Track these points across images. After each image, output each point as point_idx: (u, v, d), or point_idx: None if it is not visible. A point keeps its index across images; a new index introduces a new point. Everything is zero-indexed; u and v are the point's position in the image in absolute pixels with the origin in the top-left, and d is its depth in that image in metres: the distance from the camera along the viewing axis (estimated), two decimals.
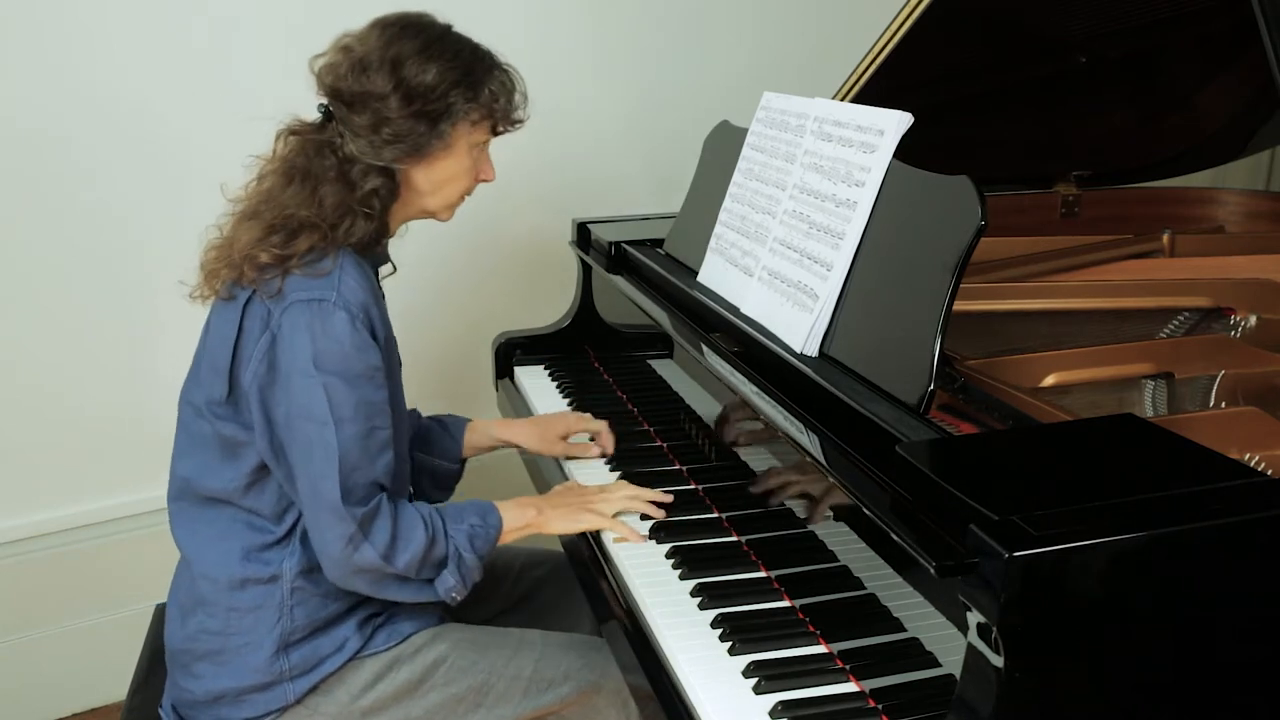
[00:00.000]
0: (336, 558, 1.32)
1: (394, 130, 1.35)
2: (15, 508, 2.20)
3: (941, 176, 1.26)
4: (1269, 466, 1.22)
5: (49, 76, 2.04)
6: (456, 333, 2.55)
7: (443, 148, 1.40)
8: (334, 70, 1.37)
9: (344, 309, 1.31)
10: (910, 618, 1.11)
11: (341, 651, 1.42)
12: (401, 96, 1.34)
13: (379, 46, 1.35)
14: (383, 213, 1.40)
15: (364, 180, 1.37)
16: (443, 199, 1.47)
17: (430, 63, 1.35)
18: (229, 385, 1.36)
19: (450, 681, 1.44)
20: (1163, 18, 1.80)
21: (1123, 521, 0.89)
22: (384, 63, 1.34)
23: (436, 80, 1.35)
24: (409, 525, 1.36)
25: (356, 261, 1.37)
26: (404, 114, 1.35)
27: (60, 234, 2.11)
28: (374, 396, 1.34)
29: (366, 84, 1.34)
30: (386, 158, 1.36)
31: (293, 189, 1.36)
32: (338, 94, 1.37)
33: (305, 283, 1.32)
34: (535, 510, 1.49)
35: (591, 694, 1.49)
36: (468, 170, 1.46)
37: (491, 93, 1.41)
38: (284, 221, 1.34)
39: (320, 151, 1.37)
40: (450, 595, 1.40)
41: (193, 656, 1.42)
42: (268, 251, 1.32)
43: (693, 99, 2.62)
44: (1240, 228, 2.11)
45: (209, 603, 1.40)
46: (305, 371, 1.29)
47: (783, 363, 1.38)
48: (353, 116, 1.36)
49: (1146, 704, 0.95)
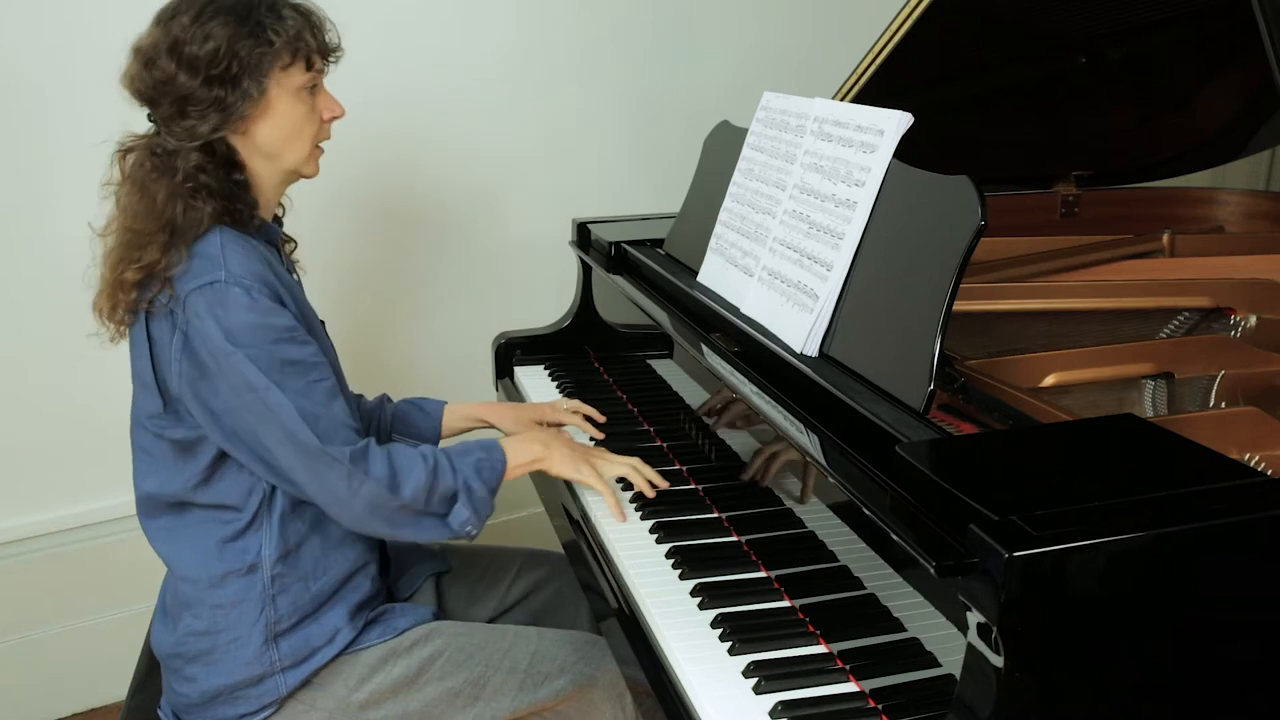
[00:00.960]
0: (343, 497, 1.32)
1: (197, 105, 1.33)
2: (15, 508, 2.20)
3: (941, 176, 1.26)
4: (1269, 466, 1.22)
5: (52, 76, 2.04)
6: (456, 333, 2.55)
7: (257, 105, 1.36)
8: (132, 77, 1.36)
9: (236, 284, 1.30)
10: (910, 618, 1.11)
11: (333, 643, 1.42)
12: (189, 71, 1.31)
13: (160, 34, 1.33)
14: (228, 188, 1.37)
15: (185, 162, 1.34)
16: (294, 153, 1.42)
17: (205, 26, 1.32)
18: (162, 397, 1.36)
19: (446, 675, 1.45)
20: (1163, 18, 1.80)
21: (1123, 521, 0.89)
22: (165, 47, 1.32)
23: (219, 43, 1.31)
24: (406, 458, 1.36)
25: (238, 237, 1.36)
26: (199, 86, 1.32)
27: (61, 234, 2.11)
28: (298, 354, 1.33)
29: (156, 74, 1.33)
30: (203, 134, 1.34)
31: (134, 201, 1.36)
32: (143, 96, 1.36)
33: (190, 275, 1.32)
34: (541, 445, 1.50)
35: (587, 688, 1.49)
36: (304, 117, 1.41)
37: (278, 32, 1.35)
38: (128, 238, 1.34)
39: (154, 155, 1.36)
40: (465, 529, 1.40)
41: (183, 660, 1.42)
42: (130, 269, 1.32)
43: (693, 99, 2.62)
44: (1240, 228, 2.11)
45: (192, 604, 1.41)
46: (224, 350, 1.29)
47: (783, 363, 1.38)
48: (159, 110, 1.35)
49: (1146, 704, 0.95)
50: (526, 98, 2.51)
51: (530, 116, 2.52)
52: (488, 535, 1.49)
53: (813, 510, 1.31)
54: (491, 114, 2.48)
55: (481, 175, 2.51)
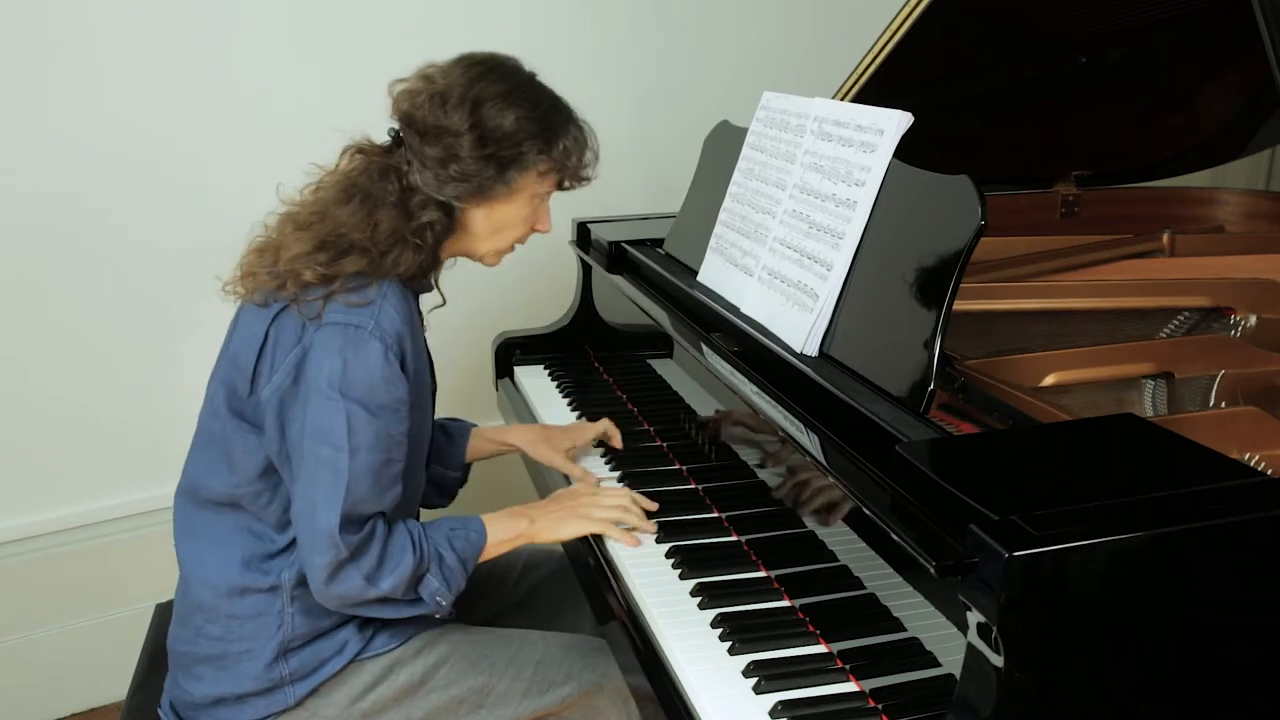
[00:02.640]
0: (320, 582, 1.30)
1: (462, 169, 1.34)
2: (15, 508, 2.20)
3: (941, 176, 1.26)
4: (1269, 466, 1.22)
5: (58, 80, 2.04)
6: (456, 332, 2.55)
7: (506, 194, 1.39)
8: (412, 97, 1.36)
9: (379, 339, 1.29)
10: (910, 618, 1.11)
11: (342, 654, 1.41)
12: (476, 137, 1.33)
13: (462, 83, 1.34)
14: (434, 247, 1.39)
15: (422, 212, 1.35)
16: (495, 244, 1.46)
17: (510, 108, 1.34)
18: (250, 386, 1.35)
19: (451, 683, 1.44)
20: (1163, 18, 1.80)
21: (1123, 521, 0.89)
22: (464, 100, 1.33)
23: (514, 127, 1.34)
24: (398, 548, 1.34)
25: (399, 292, 1.35)
26: (475, 154, 1.33)
27: (65, 237, 2.11)
28: (394, 429, 1.32)
29: (443, 118, 1.33)
30: (449, 194, 1.35)
31: (349, 208, 1.34)
32: (411, 121, 1.36)
33: (346, 308, 1.31)
34: (527, 521, 1.47)
35: (593, 695, 1.49)
36: (525, 219, 1.45)
37: (565, 148, 1.40)
38: (335, 240, 1.33)
39: (384, 175, 1.36)
40: (436, 601, 1.37)
41: (194, 659, 1.42)
42: (313, 269, 1.31)
43: (692, 99, 2.62)
44: (1240, 228, 2.11)
45: (207, 608, 1.40)
46: (329, 394, 1.28)
47: (783, 362, 1.38)
48: (424, 147, 1.35)
49: (1146, 704, 0.95)
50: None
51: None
52: None
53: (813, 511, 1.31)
54: None
55: None
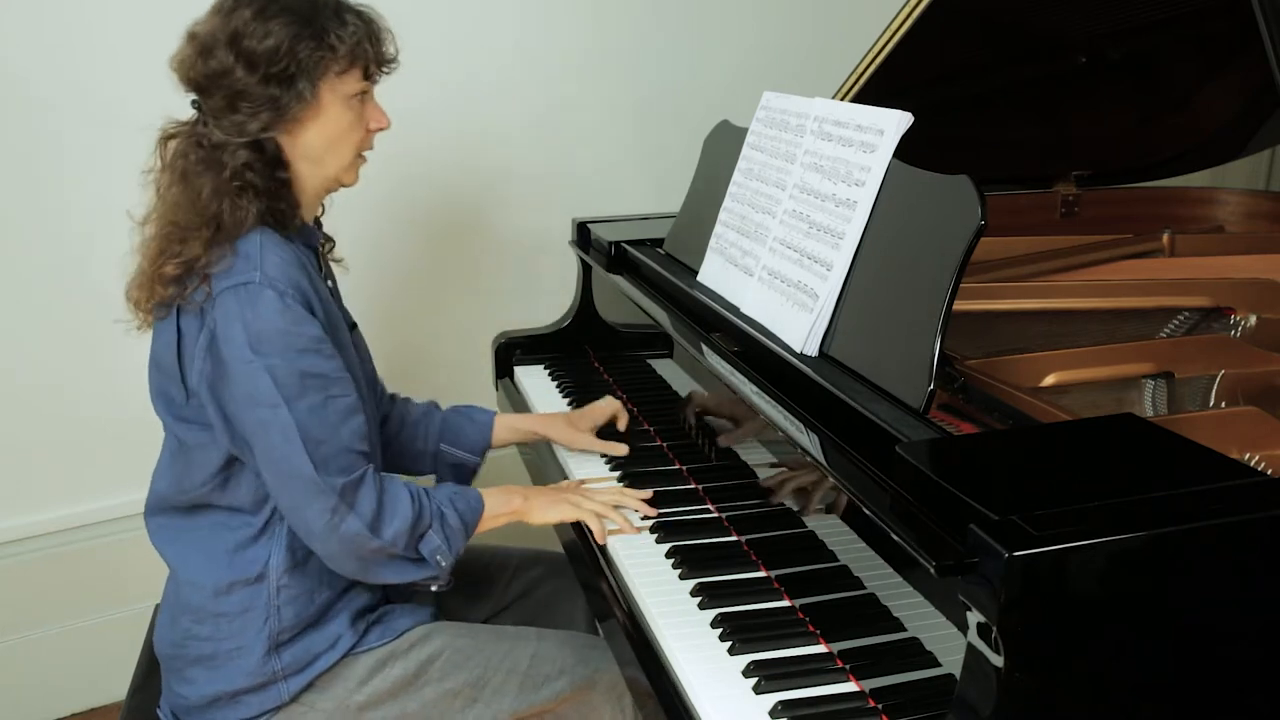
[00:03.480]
0: (320, 532, 1.31)
1: (250, 101, 1.31)
2: (15, 508, 2.20)
3: (941, 176, 1.26)
4: (1269, 466, 1.22)
5: (49, 77, 2.04)
6: (456, 332, 2.55)
7: (309, 107, 1.34)
8: (184, 61, 1.34)
9: (270, 286, 1.29)
10: (910, 618, 1.11)
11: (335, 648, 1.41)
12: (247, 65, 1.30)
13: (219, 24, 1.31)
14: (272, 187, 1.35)
15: (233, 158, 1.33)
16: (336, 160, 1.41)
17: (269, 23, 1.30)
18: (184, 388, 1.35)
19: (445, 676, 1.44)
20: (1163, 18, 1.80)
21: (1123, 521, 0.89)
22: (224, 38, 1.30)
23: (278, 39, 1.30)
24: (395, 495, 1.35)
25: (277, 239, 1.35)
26: (254, 82, 1.31)
27: (60, 235, 2.11)
28: (321, 367, 1.31)
29: (213, 64, 1.31)
30: (252, 130, 1.32)
31: (177, 192, 1.34)
32: (193, 83, 1.34)
33: (226, 273, 1.30)
34: (521, 498, 1.50)
35: (587, 690, 1.49)
36: (351, 124, 1.40)
37: (340, 37, 1.34)
38: (169, 230, 1.33)
39: (194, 147, 1.34)
40: (436, 559, 1.37)
41: (184, 662, 1.42)
42: (170, 264, 1.31)
43: (692, 99, 2.62)
44: (1240, 228, 2.11)
45: (195, 609, 1.40)
46: (244, 358, 1.27)
47: (783, 362, 1.38)
48: (210, 101, 1.33)
49: (1146, 704, 0.95)
50: (527, 97, 2.51)
51: (531, 116, 2.52)
52: (487, 535, 1.49)
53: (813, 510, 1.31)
54: (492, 114, 2.48)
55: (481, 175, 2.51)
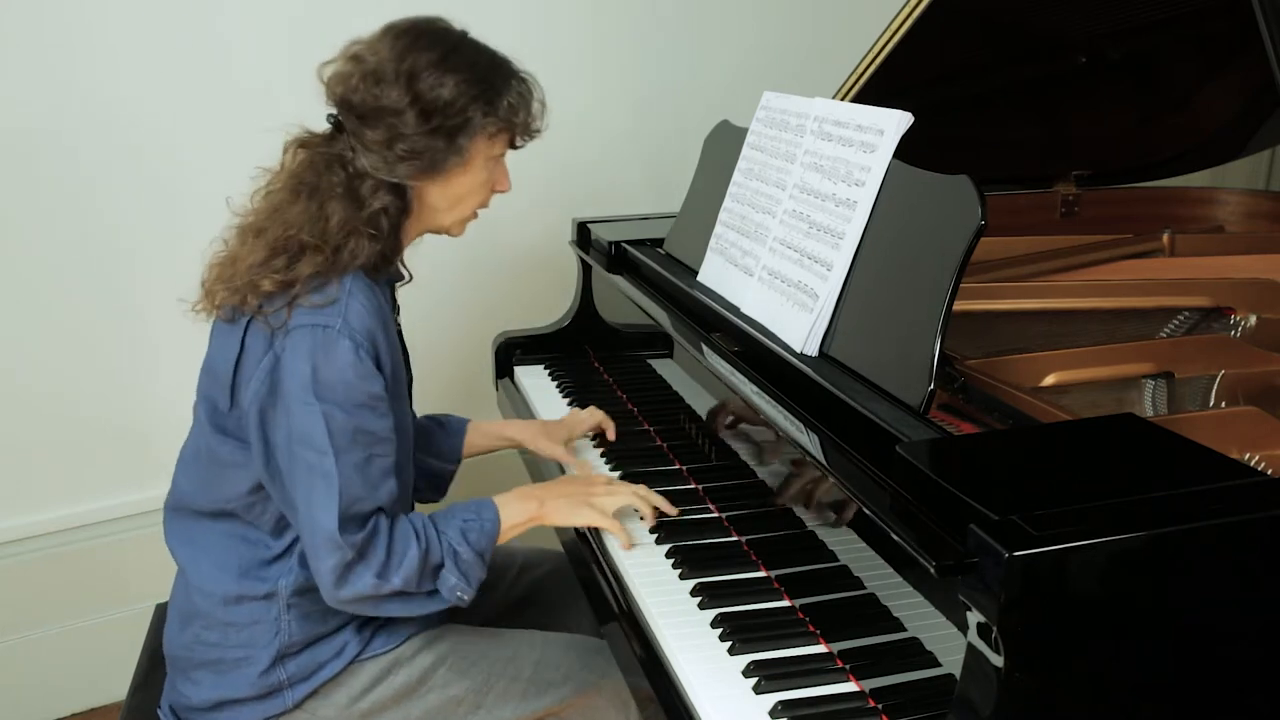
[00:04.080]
0: (330, 586, 1.29)
1: (409, 146, 1.29)
2: (15, 508, 2.20)
3: (941, 176, 1.26)
4: (1269, 466, 1.22)
5: (50, 80, 2.04)
6: (456, 332, 2.55)
7: (459, 163, 1.34)
8: (344, 80, 1.31)
9: (348, 337, 1.27)
10: (910, 618, 1.11)
11: (340, 657, 1.41)
12: (418, 112, 1.28)
13: (392, 57, 1.29)
14: (392, 232, 1.35)
15: (373, 198, 1.31)
16: (457, 215, 1.42)
17: (447, 75, 1.29)
18: (230, 399, 1.34)
19: (449, 683, 1.44)
20: (1163, 18, 1.80)
21: (1123, 521, 0.89)
22: (399, 75, 1.28)
23: (454, 95, 1.29)
24: (402, 540, 1.32)
25: (366, 285, 1.32)
26: (420, 130, 1.29)
27: (60, 237, 2.11)
28: (374, 425, 1.30)
29: (380, 97, 1.28)
30: (401, 174, 1.31)
31: (299, 206, 1.30)
32: (348, 105, 1.31)
33: (311, 310, 1.28)
34: (537, 502, 1.45)
35: (591, 695, 1.49)
36: (484, 184, 1.41)
37: (510, 105, 1.35)
38: (286, 243, 1.29)
39: (329, 166, 1.32)
40: (456, 595, 1.36)
41: (191, 664, 1.42)
42: (270, 278, 1.28)
43: (692, 99, 2.62)
44: (1240, 228, 2.11)
45: (204, 615, 1.40)
46: (304, 399, 1.26)
47: (783, 362, 1.38)
48: (365, 130, 1.30)
49: (1146, 704, 0.95)
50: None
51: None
52: None
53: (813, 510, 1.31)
54: None
55: None
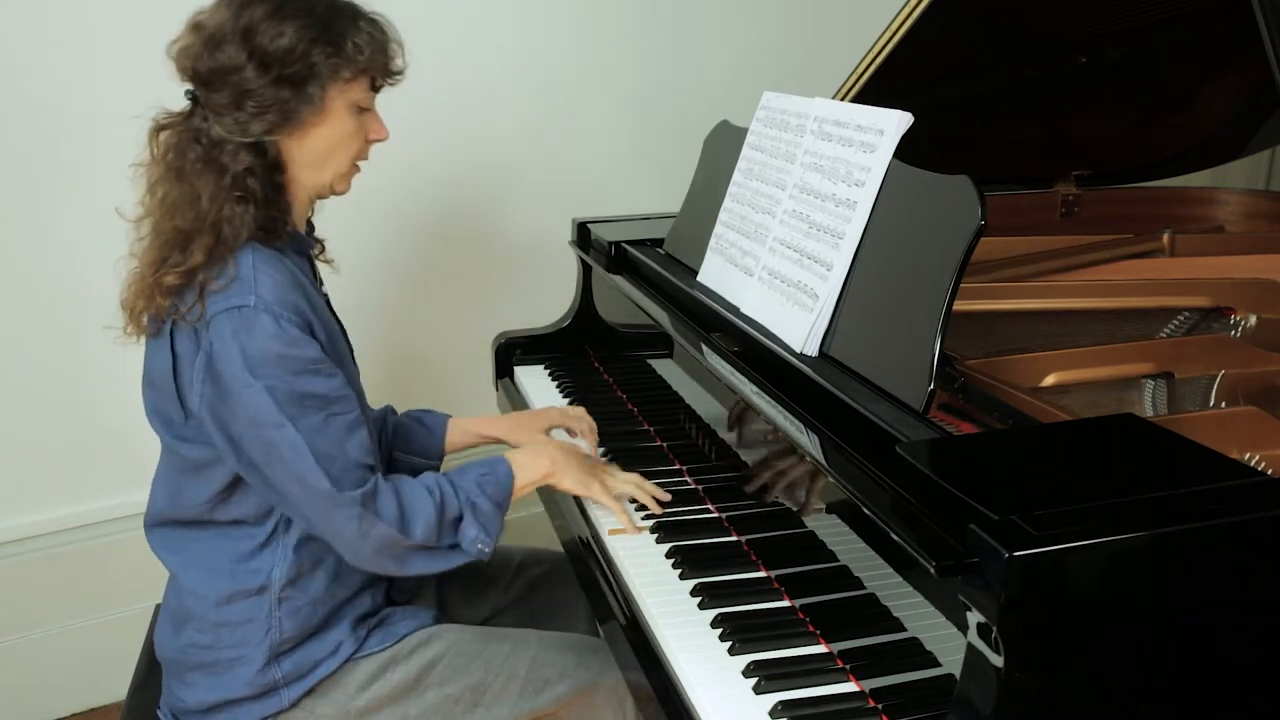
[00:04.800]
0: (352, 540, 1.30)
1: (257, 101, 1.27)
2: (15, 508, 2.20)
3: (941, 176, 1.26)
4: (1269, 466, 1.22)
5: (51, 80, 2.04)
6: (456, 332, 2.55)
7: (315, 113, 1.31)
8: (188, 52, 1.29)
9: (265, 310, 1.26)
10: (910, 618, 1.11)
11: (336, 655, 1.41)
12: (258, 64, 1.26)
13: (229, 17, 1.27)
14: (269, 195, 1.32)
15: (234, 162, 1.29)
16: (333, 168, 1.38)
17: (284, 23, 1.27)
18: (183, 409, 1.33)
19: (446, 681, 1.44)
20: (1163, 18, 1.80)
21: (1123, 521, 0.89)
22: (236, 33, 1.26)
23: (293, 41, 1.27)
24: (414, 496, 1.33)
25: (270, 256, 1.31)
26: (265, 82, 1.27)
27: (59, 236, 2.11)
28: (320, 388, 1.29)
29: (221, 59, 1.26)
30: (255, 131, 1.29)
31: (175, 191, 1.29)
32: (196, 76, 1.29)
33: (222, 294, 1.27)
34: (549, 460, 1.48)
35: (589, 694, 1.49)
36: (352, 133, 1.37)
37: (356, 45, 1.31)
38: (174, 234, 1.28)
39: (189, 143, 1.30)
40: (477, 548, 1.37)
41: (185, 667, 1.42)
42: (171, 273, 1.27)
43: (692, 99, 2.62)
44: (1240, 228, 2.11)
45: (197, 617, 1.39)
46: (244, 381, 1.25)
47: (783, 362, 1.38)
48: (213, 96, 1.28)
49: (1146, 704, 0.95)
50: (527, 97, 2.51)
51: (530, 116, 2.52)
52: None
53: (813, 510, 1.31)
54: (492, 113, 2.48)
55: (481, 175, 2.51)
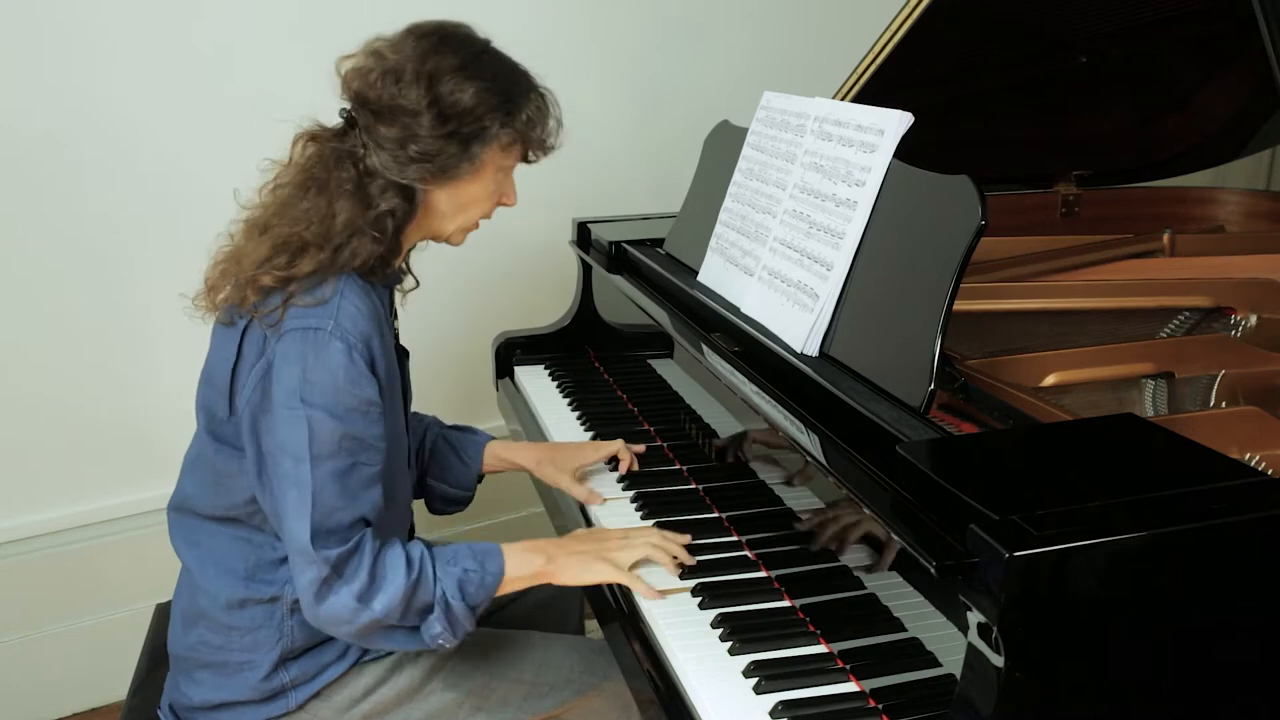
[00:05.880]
0: (310, 602, 1.25)
1: (422, 149, 1.27)
2: (15, 508, 2.20)
3: (942, 176, 1.26)
4: (1269, 466, 1.22)
5: (48, 80, 2.04)
6: (456, 332, 2.55)
7: (470, 171, 1.32)
8: (363, 76, 1.28)
9: (340, 339, 1.24)
10: (910, 618, 1.11)
11: (344, 659, 1.41)
12: (437, 115, 1.26)
13: (415, 57, 1.27)
14: (394, 234, 1.32)
15: (381, 198, 1.28)
16: (460, 223, 1.39)
17: (468, 82, 1.27)
18: (229, 406, 1.33)
19: (450, 685, 1.44)
20: (1163, 18, 1.80)
21: (1123, 521, 0.89)
22: (419, 76, 1.26)
23: (474, 101, 1.27)
24: (391, 565, 1.27)
25: (360, 288, 1.29)
26: (436, 133, 1.27)
27: (60, 237, 2.11)
28: (364, 432, 1.26)
29: (399, 96, 1.26)
30: (411, 176, 1.28)
31: (307, 202, 1.28)
32: (364, 101, 1.28)
33: (303, 310, 1.25)
34: (545, 558, 1.37)
35: (592, 697, 1.49)
36: (490, 195, 1.38)
37: (528, 119, 1.33)
38: (290, 239, 1.27)
39: (340, 162, 1.29)
40: (436, 643, 1.30)
41: (194, 664, 1.42)
42: (270, 274, 1.26)
43: (693, 99, 2.62)
44: (1240, 228, 2.11)
45: (209, 617, 1.39)
46: (289, 403, 1.23)
47: (783, 362, 1.38)
48: (379, 128, 1.27)
49: (1146, 704, 0.95)
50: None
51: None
52: (489, 535, 1.49)
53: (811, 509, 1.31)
54: None
55: None
